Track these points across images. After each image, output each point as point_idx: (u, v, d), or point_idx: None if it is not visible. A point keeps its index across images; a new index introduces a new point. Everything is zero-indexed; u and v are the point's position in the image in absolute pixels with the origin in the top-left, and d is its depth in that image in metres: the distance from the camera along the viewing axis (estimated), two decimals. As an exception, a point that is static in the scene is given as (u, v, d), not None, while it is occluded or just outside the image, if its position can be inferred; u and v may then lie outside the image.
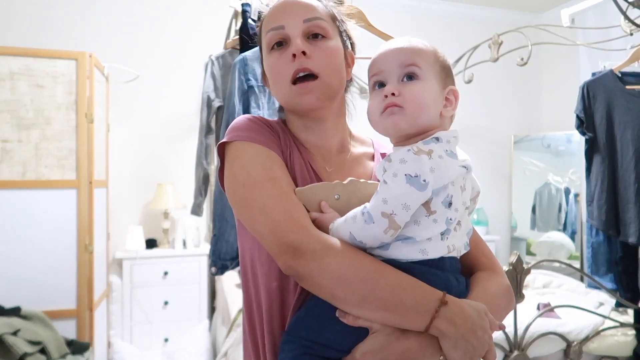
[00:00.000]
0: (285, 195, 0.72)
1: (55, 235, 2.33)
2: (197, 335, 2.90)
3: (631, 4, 1.72)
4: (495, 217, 4.05)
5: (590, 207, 2.46)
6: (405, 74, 0.72)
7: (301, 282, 0.69)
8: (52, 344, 2.02)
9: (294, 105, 0.81)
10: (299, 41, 0.78)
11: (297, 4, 0.80)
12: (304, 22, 0.79)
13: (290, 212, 0.70)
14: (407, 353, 0.67)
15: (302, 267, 0.67)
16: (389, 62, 0.74)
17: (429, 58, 0.74)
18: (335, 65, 0.81)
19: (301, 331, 0.70)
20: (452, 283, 0.72)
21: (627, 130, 2.30)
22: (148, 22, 3.32)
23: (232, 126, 0.81)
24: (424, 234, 0.68)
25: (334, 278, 0.66)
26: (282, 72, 0.79)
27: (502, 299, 0.79)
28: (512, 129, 4.13)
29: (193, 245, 3.22)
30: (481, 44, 2.69)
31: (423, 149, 0.67)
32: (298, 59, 0.77)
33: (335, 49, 0.81)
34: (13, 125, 2.29)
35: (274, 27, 0.80)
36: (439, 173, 0.67)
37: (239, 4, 2.08)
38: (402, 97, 0.71)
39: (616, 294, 2.23)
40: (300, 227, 0.69)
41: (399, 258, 0.69)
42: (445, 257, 0.71)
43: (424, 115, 0.71)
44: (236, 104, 1.87)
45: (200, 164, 2.28)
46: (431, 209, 0.68)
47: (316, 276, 0.67)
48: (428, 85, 0.72)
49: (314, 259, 0.66)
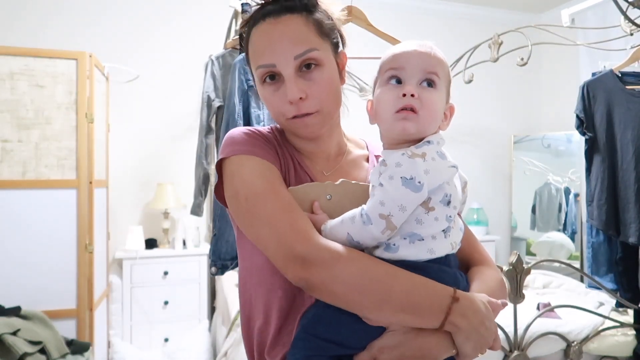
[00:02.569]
0: (288, 207, 0.72)
1: (55, 235, 2.33)
2: (197, 335, 2.90)
3: (631, 4, 1.72)
4: (495, 217, 4.05)
5: (590, 207, 2.46)
6: (425, 80, 0.73)
7: (313, 292, 0.70)
8: (52, 344, 2.02)
9: (294, 132, 0.82)
10: (294, 86, 0.76)
11: (285, 38, 0.76)
12: (295, 58, 0.76)
13: (295, 224, 0.70)
14: (424, 349, 0.69)
15: (313, 277, 0.67)
16: (413, 63, 0.73)
17: (445, 71, 0.76)
18: (333, 94, 0.80)
19: (319, 328, 0.70)
20: (459, 278, 0.74)
21: (627, 130, 2.30)
22: (148, 22, 3.32)
23: (227, 140, 0.80)
24: (428, 232, 0.70)
25: (347, 285, 0.67)
26: (278, 110, 0.79)
27: (499, 292, 0.81)
28: (512, 129, 4.13)
29: (193, 245, 3.22)
30: (481, 44, 2.69)
31: (417, 152, 0.69)
32: (295, 104, 0.77)
33: (330, 77, 0.79)
34: (13, 125, 2.29)
35: (264, 64, 0.77)
36: (433, 174, 0.68)
37: (239, 4, 2.08)
38: (420, 101, 0.71)
39: (616, 294, 2.23)
40: (307, 237, 0.69)
41: (408, 259, 0.70)
42: (449, 254, 0.74)
43: (433, 124, 0.74)
44: (236, 103, 1.87)
45: (200, 163, 2.28)
46: (430, 208, 0.70)
47: (329, 285, 0.67)
48: (441, 96, 0.74)
49: (325, 268, 0.67)
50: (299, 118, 0.78)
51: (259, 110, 1.89)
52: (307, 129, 0.79)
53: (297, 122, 0.79)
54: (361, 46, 0.95)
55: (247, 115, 1.92)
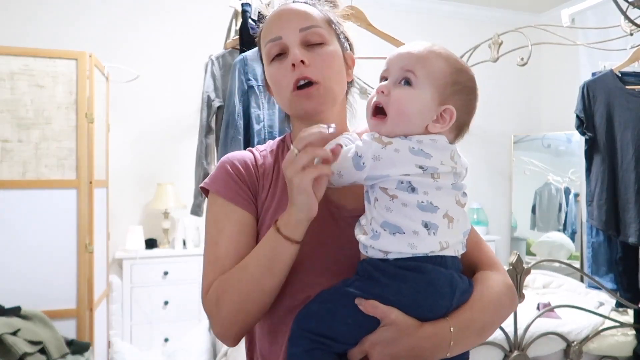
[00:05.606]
0: (213, 264, 0.79)
1: (55, 235, 2.33)
2: (197, 335, 2.90)
3: (631, 4, 1.73)
4: (495, 217, 4.05)
5: (590, 207, 2.46)
6: (402, 78, 0.74)
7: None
8: (52, 344, 2.02)
9: (297, 110, 0.82)
10: (297, 51, 0.79)
11: (292, 13, 0.81)
12: (300, 31, 0.79)
13: (207, 277, 0.79)
14: (417, 349, 0.68)
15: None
16: (394, 62, 0.75)
17: (433, 68, 0.74)
18: (335, 70, 0.82)
19: (312, 324, 0.70)
20: (456, 279, 0.73)
21: (627, 130, 2.30)
22: (148, 22, 3.32)
23: (212, 173, 0.85)
24: (407, 225, 0.69)
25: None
26: (283, 81, 0.80)
27: (505, 297, 0.79)
28: (512, 129, 4.13)
29: (193, 245, 3.22)
30: (481, 44, 2.69)
31: (383, 139, 0.71)
32: (297, 68, 0.78)
33: (334, 54, 0.82)
34: (13, 125, 2.29)
35: (272, 38, 0.81)
36: (384, 162, 0.70)
37: (239, 4, 2.09)
38: (390, 98, 0.73)
39: (616, 294, 2.23)
40: (204, 288, 0.79)
41: (388, 249, 0.70)
42: (446, 256, 0.72)
43: (405, 123, 0.73)
44: (236, 103, 1.87)
45: (200, 164, 2.28)
46: (393, 195, 0.70)
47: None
48: (419, 93, 0.73)
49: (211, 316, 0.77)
50: (302, 90, 0.79)
51: (259, 110, 1.89)
52: (310, 101, 0.79)
53: (300, 94, 0.79)
54: (361, 46, 0.95)
55: (247, 115, 1.92)
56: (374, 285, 0.70)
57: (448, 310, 0.71)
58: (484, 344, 1.88)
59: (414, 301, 0.69)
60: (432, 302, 0.70)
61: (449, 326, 0.70)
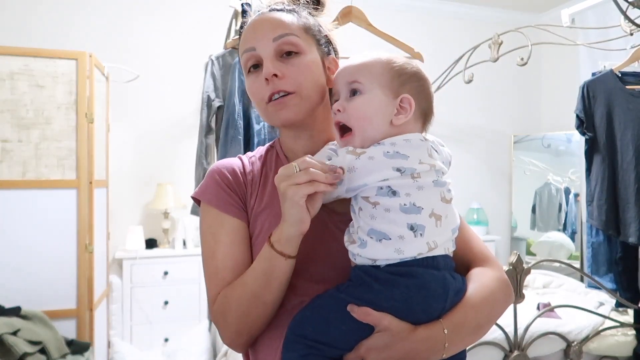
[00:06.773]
0: (214, 276, 0.81)
1: (55, 235, 2.33)
2: (197, 335, 2.90)
3: (631, 4, 1.73)
4: (495, 217, 4.05)
5: (590, 207, 2.46)
6: (350, 91, 0.76)
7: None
8: (52, 344, 2.02)
9: (274, 121, 0.82)
10: (270, 64, 0.78)
11: (265, 22, 0.80)
12: (274, 40, 0.79)
13: (210, 290, 0.81)
14: (412, 352, 0.68)
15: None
16: (338, 81, 0.79)
17: (374, 70, 0.76)
18: (312, 79, 0.81)
19: (306, 330, 0.70)
20: (448, 280, 0.72)
21: (627, 130, 2.30)
22: (148, 22, 3.32)
23: (202, 183, 0.86)
24: (393, 230, 0.69)
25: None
26: (258, 94, 0.81)
27: (500, 293, 0.79)
28: (512, 129, 4.13)
29: (193, 245, 3.22)
30: (481, 44, 2.69)
31: (356, 151, 0.72)
32: (271, 82, 0.78)
33: (310, 64, 0.80)
34: (13, 125, 2.29)
35: (246, 49, 0.81)
36: (360, 172, 0.70)
37: (239, 4, 2.08)
38: (347, 112, 0.75)
39: (616, 294, 2.23)
40: (210, 300, 0.81)
41: (375, 257, 0.70)
42: (437, 256, 0.72)
43: (369, 127, 0.74)
44: (236, 103, 1.87)
45: (200, 163, 2.28)
46: (374, 202, 0.70)
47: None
48: (370, 96, 0.75)
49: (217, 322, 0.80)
50: (277, 100, 0.78)
51: (259, 110, 1.89)
52: (285, 111, 0.79)
53: (275, 105, 0.79)
54: (361, 46, 0.95)
55: (247, 115, 1.92)
56: (366, 291, 0.70)
57: (442, 311, 0.71)
58: (484, 344, 1.88)
59: (407, 306, 0.69)
60: (425, 306, 0.70)
61: (443, 328, 0.70)
